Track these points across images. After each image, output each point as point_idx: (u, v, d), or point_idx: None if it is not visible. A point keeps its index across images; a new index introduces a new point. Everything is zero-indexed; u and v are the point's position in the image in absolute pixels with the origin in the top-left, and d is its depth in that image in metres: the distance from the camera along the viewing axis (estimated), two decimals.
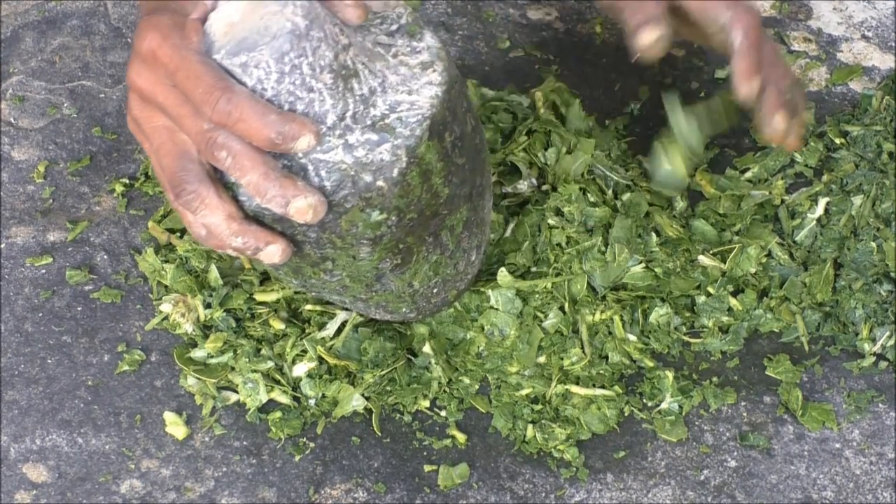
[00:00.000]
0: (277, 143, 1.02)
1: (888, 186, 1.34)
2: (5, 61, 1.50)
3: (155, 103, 1.06)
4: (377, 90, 1.07)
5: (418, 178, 1.08)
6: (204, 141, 1.04)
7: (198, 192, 1.05)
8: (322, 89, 1.04)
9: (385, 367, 1.24)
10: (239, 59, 1.03)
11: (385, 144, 1.06)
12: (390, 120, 1.06)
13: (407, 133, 1.06)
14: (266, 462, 1.22)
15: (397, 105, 1.07)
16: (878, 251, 1.31)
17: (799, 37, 1.54)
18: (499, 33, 1.54)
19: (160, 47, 1.04)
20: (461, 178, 1.13)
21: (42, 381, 1.27)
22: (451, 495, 1.20)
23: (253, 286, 1.29)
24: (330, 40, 1.04)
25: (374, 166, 1.05)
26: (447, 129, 1.09)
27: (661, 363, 1.28)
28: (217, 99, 1.02)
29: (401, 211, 1.08)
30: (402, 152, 1.06)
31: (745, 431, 1.24)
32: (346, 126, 1.06)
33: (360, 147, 1.05)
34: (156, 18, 1.06)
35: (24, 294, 1.32)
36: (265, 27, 1.03)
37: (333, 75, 1.04)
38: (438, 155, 1.09)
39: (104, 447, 1.23)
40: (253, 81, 1.03)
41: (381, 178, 1.06)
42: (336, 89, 1.05)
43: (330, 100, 1.05)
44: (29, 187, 1.40)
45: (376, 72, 1.07)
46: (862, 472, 1.22)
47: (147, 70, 1.05)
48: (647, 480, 1.22)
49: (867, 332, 1.29)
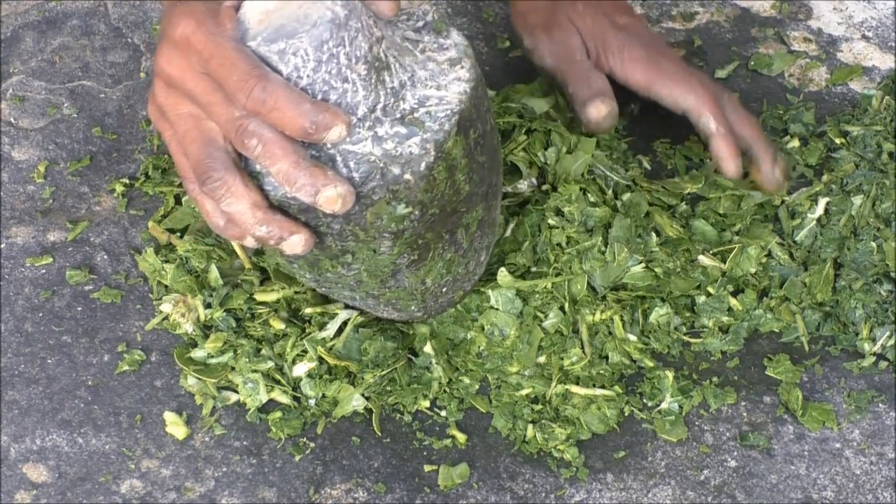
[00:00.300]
0: (310, 132, 1.02)
1: (888, 186, 1.34)
2: (5, 61, 1.50)
3: (183, 90, 1.06)
4: (407, 84, 1.07)
5: (444, 172, 1.08)
6: (234, 128, 1.03)
7: (224, 179, 1.05)
8: (356, 80, 1.05)
9: (385, 367, 1.24)
10: (277, 45, 1.03)
11: (414, 138, 1.06)
12: (419, 114, 1.07)
13: (436, 127, 1.07)
14: (266, 462, 1.22)
15: (426, 99, 1.08)
16: (878, 251, 1.31)
17: (799, 37, 1.54)
18: (499, 33, 1.54)
19: (194, 34, 1.04)
20: (481, 176, 1.13)
21: (42, 381, 1.27)
22: (451, 495, 1.21)
23: (253, 286, 1.29)
24: (366, 31, 1.05)
25: (403, 159, 1.06)
26: (472, 126, 1.10)
27: (661, 363, 1.28)
28: (252, 87, 1.02)
29: (424, 205, 1.09)
30: (430, 146, 1.07)
31: (745, 431, 1.24)
32: (376, 118, 1.06)
33: (390, 139, 1.06)
34: (189, 5, 1.05)
35: (24, 294, 1.32)
36: (305, 15, 1.03)
37: (367, 66, 1.05)
38: (463, 151, 1.09)
39: (104, 447, 1.23)
40: (289, 69, 1.03)
41: (409, 171, 1.06)
42: (369, 81, 1.05)
43: (362, 91, 1.05)
44: (29, 187, 1.40)
45: (406, 66, 1.08)
46: (862, 472, 1.22)
47: (179, 56, 1.05)
48: (647, 480, 1.22)
49: (867, 332, 1.29)
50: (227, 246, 1.31)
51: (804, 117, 1.44)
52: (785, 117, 1.45)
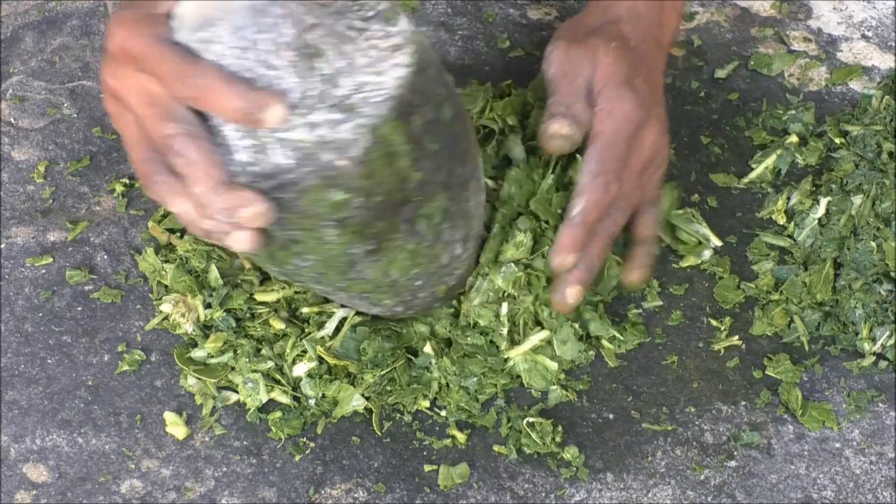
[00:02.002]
0: (247, 113, 1.03)
1: (888, 186, 1.34)
2: (5, 61, 1.50)
3: (125, 102, 1.08)
4: (344, 71, 1.07)
5: (382, 159, 1.08)
6: (164, 146, 1.06)
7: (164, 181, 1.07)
8: (284, 66, 1.04)
9: (385, 366, 1.24)
10: (200, 34, 1.04)
11: (348, 123, 1.06)
12: (354, 100, 1.06)
13: (370, 112, 1.06)
14: (266, 462, 1.22)
15: (363, 86, 1.07)
16: (878, 251, 1.30)
17: (799, 36, 1.54)
18: (499, 33, 1.54)
19: (127, 41, 1.05)
20: (436, 164, 1.12)
21: (42, 381, 1.27)
22: (451, 495, 1.21)
23: (253, 286, 1.29)
24: (295, 18, 1.04)
25: (336, 145, 1.06)
26: (415, 112, 1.09)
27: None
28: (185, 74, 1.03)
29: (366, 193, 1.09)
30: (363, 131, 1.06)
31: (745, 431, 1.24)
32: (309, 105, 1.06)
33: (323, 126, 1.06)
34: (122, 15, 1.07)
35: (24, 294, 1.32)
36: (228, 4, 1.04)
37: (296, 53, 1.05)
38: (405, 137, 1.09)
39: (104, 447, 1.23)
40: (213, 57, 1.04)
41: (344, 157, 1.06)
42: (299, 68, 1.05)
43: (293, 78, 1.05)
44: (29, 187, 1.40)
45: (345, 53, 1.07)
46: (862, 472, 1.22)
47: (118, 68, 1.07)
48: (647, 480, 1.22)
49: (867, 331, 1.29)
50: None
51: (804, 117, 1.44)
52: (785, 117, 1.45)
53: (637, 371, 1.28)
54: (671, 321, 1.31)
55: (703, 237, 1.35)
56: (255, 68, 1.04)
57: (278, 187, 1.07)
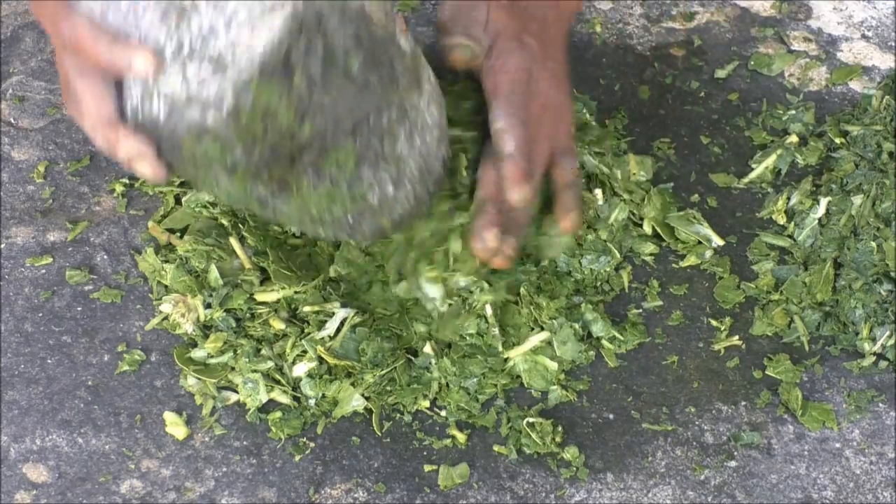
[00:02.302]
0: (113, 62, 1.10)
1: (888, 186, 1.34)
2: (5, 61, 1.50)
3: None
4: (220, 27, 1.08)
5: (255, 114, 1.09)
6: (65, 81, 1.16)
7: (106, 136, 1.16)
8: (154, 22, 1.08)
9: (385, 367, 1.24)
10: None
11: (217, 78, 1.08)
12: (227, 56, 1.08)
13: (238, 69, 1.07)
14: (266, 462, 1.22)
15: (238, 42, 1.08)
16: (878, 251, 1.30)
17: (799, 36, 1.54)
18: None
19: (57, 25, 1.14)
20: (334, 115, 1.12)
21: (42, 381, 1.27)
22: (451, 495, 1.21)
23: (253, 286, 1.29)
24: None
25: (203, 99, 1.08)
26: (296, 69, 1.09)
27: None
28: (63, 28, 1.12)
29: (245, 145, 1.10)
30: (229, 86, 1.08)
31: (745, 431, 1.24)
32: (183, 60, 1.08)
33: (194, 81, 1.08)
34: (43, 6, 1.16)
35: (24, 294, 1.32)
36: None
37: (163, 10, 1.08)
38: (282, 93, 1.09)
39: (104, 447, 1.23)
40: (86, 9, 1.10)
41: (213, 111, 1.08)
42: (169, 23, 1.08)
43: (162, 33, 1.08)
44: (29, 187, 1.40)
45: (222, 10, 1.08)
46: (862, 472, 1.22)
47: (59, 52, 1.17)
48: (647, 480, 1.22)
49: (867, 331, 1.29)
50: (226, 246, 1.32)
51: (804, 117, 1.44)
52: (785, 117, 1.45)
53: (637, 371, 1.28)
54: (671, 321, 1.31)
55: (705, 238, 1.35)
56: (126, 27, 1.09)
57: (159, 136, 1.11)
